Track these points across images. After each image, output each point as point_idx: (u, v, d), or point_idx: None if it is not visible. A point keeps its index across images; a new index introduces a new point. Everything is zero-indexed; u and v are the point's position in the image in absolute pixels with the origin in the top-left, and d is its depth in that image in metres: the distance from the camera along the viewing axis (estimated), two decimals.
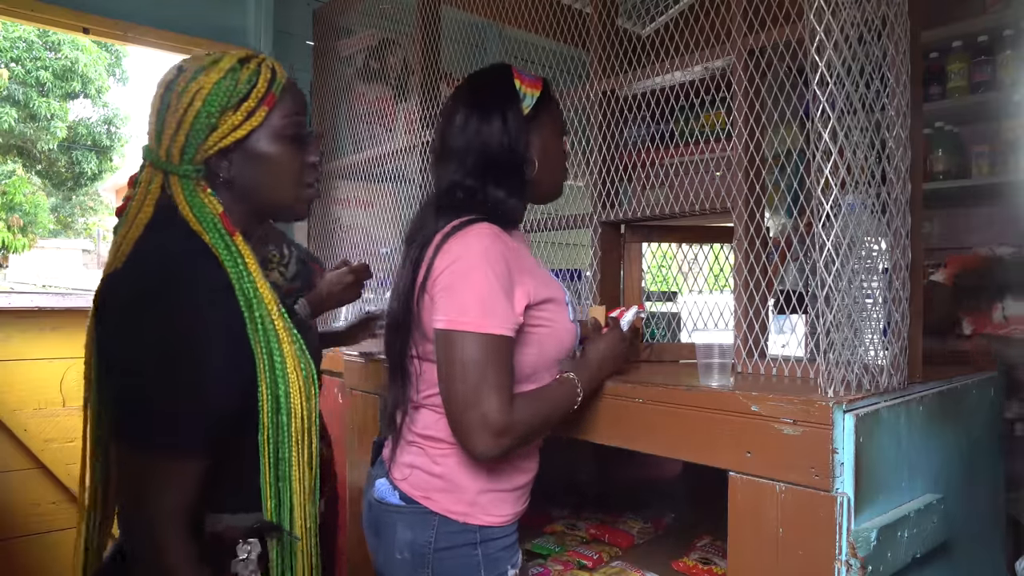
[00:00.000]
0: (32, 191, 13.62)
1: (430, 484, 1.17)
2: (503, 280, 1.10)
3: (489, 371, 1.06)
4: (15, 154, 13.67)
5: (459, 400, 1.07)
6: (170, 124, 0.97)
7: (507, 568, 1.19)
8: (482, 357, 1.06)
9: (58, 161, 14.35)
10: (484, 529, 1.16)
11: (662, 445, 1.24)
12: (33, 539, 2.25)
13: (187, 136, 0.96)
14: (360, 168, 2.50)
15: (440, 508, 1.15)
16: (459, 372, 1.07)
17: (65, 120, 13.48)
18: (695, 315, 1.83)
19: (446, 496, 1.15)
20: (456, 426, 1.09)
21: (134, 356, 0.90)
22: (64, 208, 15.50)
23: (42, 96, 12.92)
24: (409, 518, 1.16)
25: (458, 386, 1.07)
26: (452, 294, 1.09)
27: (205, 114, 0.96)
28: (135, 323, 0.90)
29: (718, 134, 1.59)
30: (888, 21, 1.18)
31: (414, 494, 1.17)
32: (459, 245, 1.12)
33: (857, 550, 0.99)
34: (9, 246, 12.10)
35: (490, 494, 1.17)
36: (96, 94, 14.11)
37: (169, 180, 0.97)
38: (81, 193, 15.54)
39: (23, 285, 9.67)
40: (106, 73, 14.16)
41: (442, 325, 1.10)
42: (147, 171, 1.00)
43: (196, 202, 0.96)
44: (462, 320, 1.07)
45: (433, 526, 1.14)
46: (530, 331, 1.16)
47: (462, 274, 1.09)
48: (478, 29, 2.18)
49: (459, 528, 1.15)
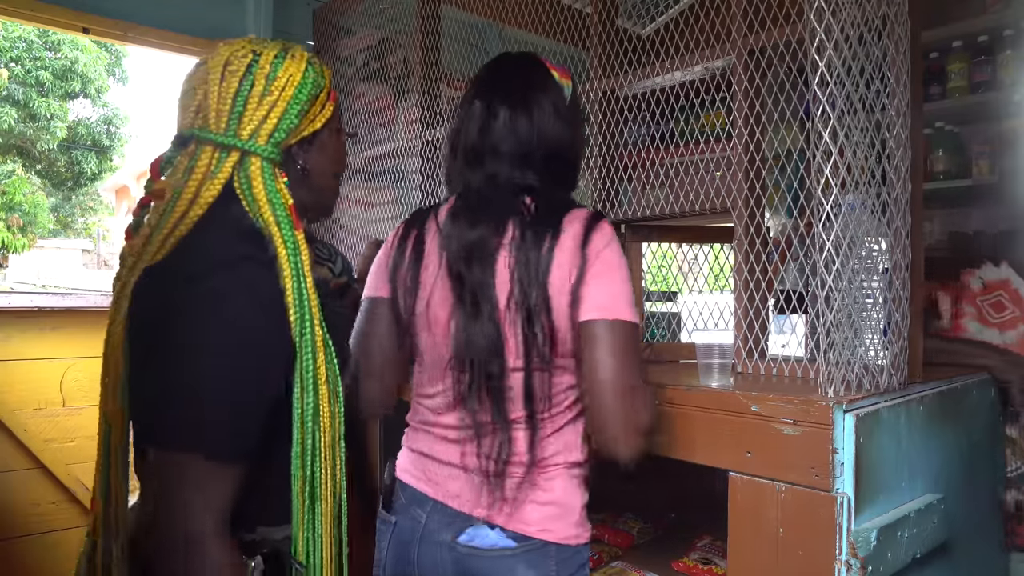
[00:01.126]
0: (32, 191, 13.62)
1: (544, 513, 1.07)
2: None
3: (640, 364, 1.03)
4: (15, 154, 13.66)
5: (620, 394, 0.99)
6: (260, 106, 0.93)
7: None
8: (635, 348, 1.02)
9: (58, 161, 14.34)
10: (587, 546, 1.11)
11: (662, 445, 1.24)
12: (33, 539, 2.25)
13: (279, 119, 0.94)
14: (360, 168, 2.50)
15: (557, 537, 1.06)
16: (619, 363, 0.99)
17: (65, 120, 13.48)
18: (695, 315, 1.83)
19: (560, 522, 1.07)
20: (612, 422, 1.00)
21: (184, 359, 0.85)
22: (64, 208, 15.50)
23: (42, 96, 12.92)
24: (527, 557, 1.06)
25: (618, 379, 0.99)
26: (608, 284, 1.02)
27: (298, 100, 0.95)
28: (190, 325, 0.85)
29: (718, 134, 1.59)
30: (888, 21, 1.18)
31: (528, 531, 1.06)
32: (605, 237, 1.05)
33: (857, 550, 0.99)
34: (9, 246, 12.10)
35: (585, 509, 1.11)
36: (96, 94, 14.10)
37: (247, 162, 0.92)
38: (81, 193, 15.54)
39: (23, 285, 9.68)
40: (106, 73, 14.15)
41: (601, 315, 1.01)
42: (208, 152, 0.92)
43: (272, 188, 0.92)
44: (619, 308, 1.01)
45: (551, 556, 1.06)
46: None
47: (613, 265, 1.03)
48: (478, 29, 2.18)
49: (573, 551, 1.08)
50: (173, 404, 0.85)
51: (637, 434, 1.00)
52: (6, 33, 12.61)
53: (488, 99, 1.13)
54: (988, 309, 1.64)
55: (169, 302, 0.87)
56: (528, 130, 1.11)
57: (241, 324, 0.86)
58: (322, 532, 0.93)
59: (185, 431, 0.85)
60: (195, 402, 0.84)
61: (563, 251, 1.03)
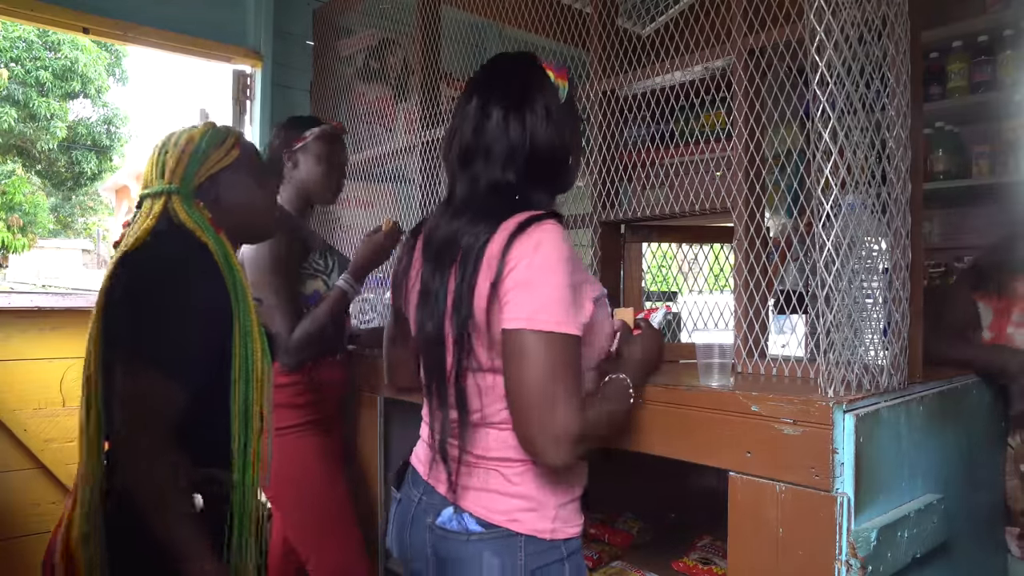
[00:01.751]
0: (32, 191, 13.62)
1: (513, 505, 1.10)
2: (574, 279, 1.05)
3: (567, 373, 1.01)
4: (15, 154, 13.66)
5: (535, 405, 1.00)
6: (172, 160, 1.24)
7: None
8: (561, 358, 1.00)
9: (58, 161, 14.35)
10: (567, 542, 1.12)
11: (662, 445, 1.24)
12: (33, 539, 2.25)
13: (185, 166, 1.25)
14: (360, 168, 2.50)
15: (526, 528, 1.09)
16: (536, 375, 1.00)
17: (65, 120, 13.48)
18: (695, 315, 1.84)
19: (531, 515, 1.10)
20: (529, 432, 1.02)
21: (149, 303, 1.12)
22: (64, 208, 15.50)
23: (42, 96, 12.92)
24: (494, 544, 1.09)
25: (534, 390, 1.00)
26: (530, 292, 1.02)
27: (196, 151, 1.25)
28: (156, 276, 1.14)
29: (718, 134, 1.59)
30: (888, 21, 1.18)
31: (495, 519, 1.10)
32: (530, 243, 1.04)
33: (857, 550, 0.99)
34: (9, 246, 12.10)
35: (568, 506, 1.13)
36: (96, 94, 14.11)
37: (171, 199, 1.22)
38: (81, 193, 15.54)
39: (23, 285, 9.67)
40: (106, 73, 14.16)
41: (516, 325, 1.02)
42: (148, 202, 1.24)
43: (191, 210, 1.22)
44: (541, 319, 1.00)
45: (520, 547, 1.09)
46: (588, 328, 1.11)
47: (540, 271, 1.02)
48: (478, 29, 2.18)
49: (547, 546, 1.09)
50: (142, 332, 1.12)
51: (557, 443, 0.99)
52: (6, 33, 12.61)
53: (483, 99, 1.14)
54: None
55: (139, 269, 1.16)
56: (520, 132, 1.11)
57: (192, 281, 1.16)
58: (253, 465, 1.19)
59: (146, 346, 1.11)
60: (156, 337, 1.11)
61: (490, 255, 1.05)
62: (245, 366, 1.18)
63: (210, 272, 1.17)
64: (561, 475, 1.11)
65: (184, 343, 1.13)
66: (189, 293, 1.15)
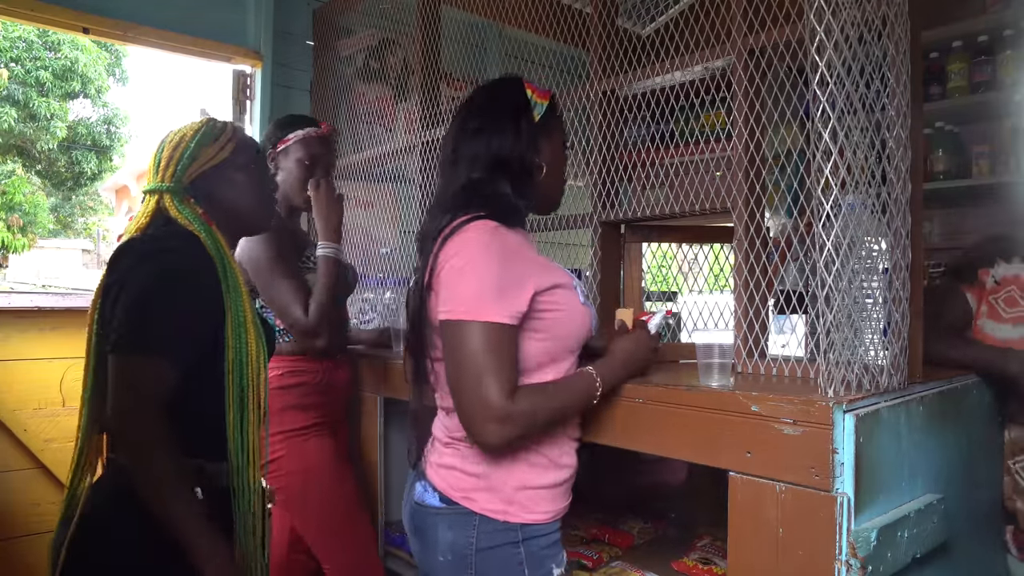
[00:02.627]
0: (32, 191, 13.61)
1: (468, 484, 1.17)
2: (502, 271, 1.12)
3: (488, 359, 1.08)
4: (15, 154, 13.66)
5: (462, 389, 1.10)
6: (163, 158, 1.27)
7: (551, 567, 1.18)
8: (481, 345, 1.08)
9: (58, 161, 14.34)
10: (526, 527, 1.16)
11: (662, 445, 1.24)
12: (33, 539, 2.25)
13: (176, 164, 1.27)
14: (360, 168, 2.50)
15: (480, 508, 1.16)
16: (460, 361, 1.10)
17: (65, 120, 13.47)
18: (695, 315, 1.83)
19: (485, 495, 1.16)
20: (460, 415, 1.11)
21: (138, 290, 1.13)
22: (64, 208, 15.50)
23: (42, 96, 12.92)
24: (449, 519, 1.17)
25: (460, 375, 1.10)
26: (452, 287, 1.13)
27: (187, 148, 1.27)
28: (146, 264, 1.15)
29: (718, 134, 1.59)
30: (888, 21, 1.18)
31: (453, 495, 1.18)
32: (459, 241, 1.15)
33: (857, 550, 0.99)
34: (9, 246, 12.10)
35: (528, 491, 1.17)
36: (96, 94, 14.10)
37: (163, 197, 1.25)
38: (81, 193, 15.54)
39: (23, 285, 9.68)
40: (106, 73, 14.15)
41: (443, 317, 1.13)
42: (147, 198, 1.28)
43: (182, 207, 1.24)
44: (460, 310, 1.10)
45: (474, 526, 1.15)
46: (540, 317, 1.16)
47: (459, 268, 1.12)
48: (478, 29, 2.18)
49: (500, 527, 1.15)
50: (130, 317, 1.13)
51: (484, 424, 1.08)
52: (6, 33, 12.61)
53: (464, 114, 1.28)
54: (1001, 305, 1.64)
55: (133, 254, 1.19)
56: (487, 143, 1.23)
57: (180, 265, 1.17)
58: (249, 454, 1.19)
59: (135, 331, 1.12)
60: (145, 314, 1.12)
61: (436, 255, 1.17)
62: (239, 356, 1.19)
63: (199, 261, 1.19)
64: (528, 461, 1.17)
65: (172, 326, 1.14)
66: (177, 280, 1.16)
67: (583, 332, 1.23)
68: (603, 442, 1.32)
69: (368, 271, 2.42)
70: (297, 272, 1.79)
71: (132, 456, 1.09)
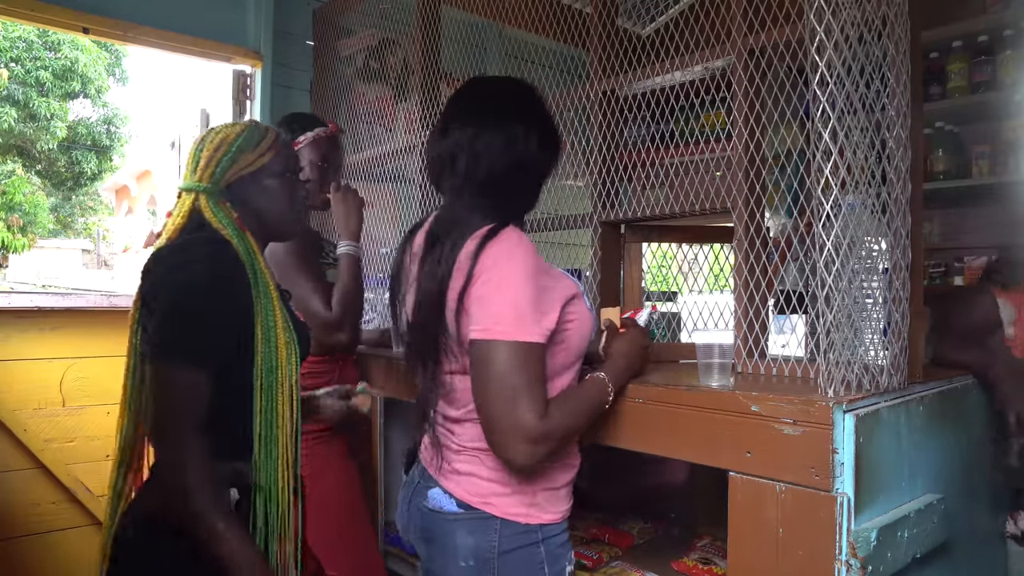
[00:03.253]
0: (32, 191, 13.62)
1: (489, 489, 1.17)
2: (537, 287, 1.10)
3: (521, 379, 1.06)
4: (15, 154, 13.66)
5: (494, 409, 1.07)
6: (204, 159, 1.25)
7: (565, 564, 1.20)
8: (515, 366, 1.06)
9: (58, 161, 14.35)
10: (544, 527, 1.18)
11: (662, 445, 1.24)
12: (33, 539, 2.25)
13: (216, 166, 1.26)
14: (360, 168, 2.50)
15: (501, 512, 1.16)
16: (495, 382, 1.06)
17: (65, 120, 13.48)
18: (695, 315, 1.83)
19: (506, 499, 1.16)
20: (491, 434, 1.09)
21: (171, 299, 1.13)
22: (64, 208, 15.50)
23: (42, 96, 12.92)
24: (469, 524, 1.17)
25: (492, 395, 1.07)
26: (487, 304, 1.09)
27: (228, 152, 1.26)
28: (176, 274, 1.15)
29: (718, 134, 1.59)
30: (888, 21, 1.18)
31: (472, 500, 1.17)
32: (494, 253, 1.10)
33: (857, 550, 0.99)
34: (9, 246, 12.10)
35: (546, 492, 1.19)
36: (96, 94, 14.11)
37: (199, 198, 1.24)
38: (81, 193, 15.55)
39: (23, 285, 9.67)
40: (106, 73, 14.16)
41: (477, 335, 1.09)
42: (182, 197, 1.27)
43: (217, 211, 1.23)
44: (496, 329, 1.07)
45: (495, 530, 1.15)
46: (564, 329, 1.16)
47: (497, 283, 1.09)
48: (478, 29, 2.17)
49: (521, 529, 1.16)
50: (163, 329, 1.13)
51: (518, 446, 1.06)
52: (6, 33, 12.61)
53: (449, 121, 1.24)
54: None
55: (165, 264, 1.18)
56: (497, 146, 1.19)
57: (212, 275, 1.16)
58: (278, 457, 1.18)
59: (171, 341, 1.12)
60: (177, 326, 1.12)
61: (460, 262, 1.13)
62: (268, 361, 1.19)
63: (228, 267, 1.18)
64: (546, 463, 1.16)
65: (204, 338, 1.14)
66: (206, 290, 1.15)
67: (588, 340, 1.24)
68: (603, 442, 1.32)
69: (368, 271, 2.42)
70: (319, 269, 1.82)
71: (166, 472, 1.11)
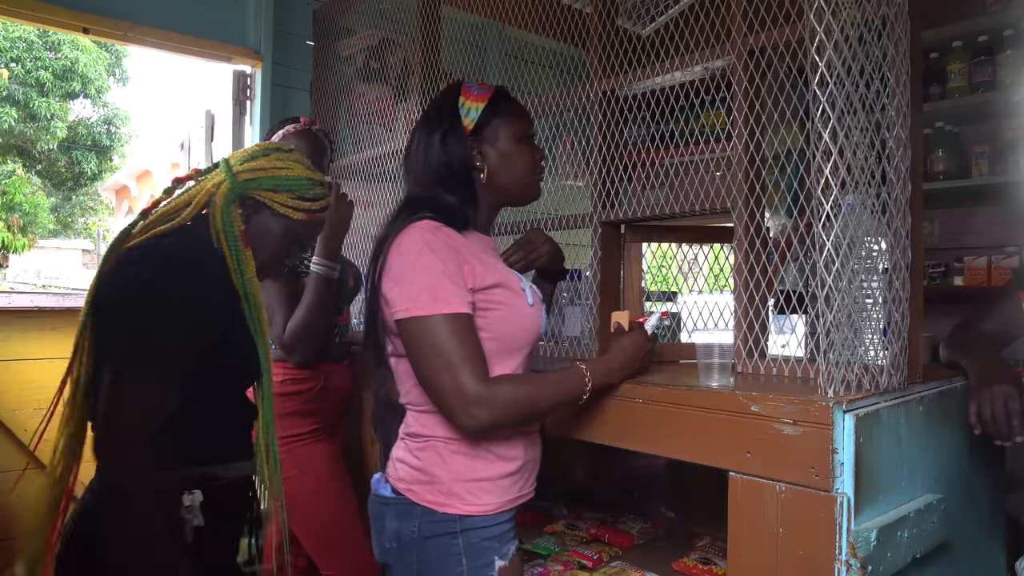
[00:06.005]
0: (32, 191, 13.62)
1: (412, 477, 1.22)
2: (447, 264, 1.16)
3: (455, 347, 1.11)
4: (15, 154, 13.66)
5: (434, 380, 1.13)
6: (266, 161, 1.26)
7: (493, 558, 1.19)
8: (444, 336, 1.12)
9: (58, 161, 14.35)
10: (465, 519, 1.18)
11: (662, 445, 1.24)
12: None
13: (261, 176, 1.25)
14: (360, 168, 2.50)
15: (421, 499, 1.20)
16: (427, 355, 1.12)
17: (65, 120, 13.48)
18: (695, 315, 1.84)
19: (425, 488, 1.20)
20: (441, 407, 1.14)
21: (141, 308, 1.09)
22: (64, 208, 15.51)
23: (42, 96, 12.92)
24: (396, 509, 1.22)
25: (431, 368, 1.12)
26: (401, 285, 1.16)
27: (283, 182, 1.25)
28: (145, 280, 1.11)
29: (718, 134, 1.59)
30: (888, 21, 1.18)
31: (399, 487, 1.23)
32: (401, 242, 1.19)
33: (857, 550, 0.99)
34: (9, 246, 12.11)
35: (468, 483, 1.19)
36: (96, 94, 14.11)
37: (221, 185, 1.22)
38: (81, 193, 15.55)
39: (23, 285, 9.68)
40: (106, 73, 14.15)
41: (399, 316, 1.15)
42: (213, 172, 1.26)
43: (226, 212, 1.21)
44: (416, 307, 1.13)
45: (416, 516, 1.20)
46: (481, 315, 1.19)
47: (407, 266, 1.16)
48: (478, 29, 2.18)
49: (440, 518, 1.18)
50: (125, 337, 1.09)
51: (458, 407, 1.11)
52: (6, 33, 12.61)
53: (412, 131, 1.35)
54: None
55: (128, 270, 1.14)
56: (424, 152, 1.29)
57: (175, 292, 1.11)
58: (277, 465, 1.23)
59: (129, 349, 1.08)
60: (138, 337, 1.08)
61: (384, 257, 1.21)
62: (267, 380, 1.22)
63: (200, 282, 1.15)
64: (465, 453, 1.20)
65: (169, 353, 1.10)
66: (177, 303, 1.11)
67: (527, 333, 1.25)
68: (603, 442, 1.33)
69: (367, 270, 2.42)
70: (292, 281, 1.78)
71: (107, 473, 1.07)
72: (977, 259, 2.71)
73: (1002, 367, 1.35)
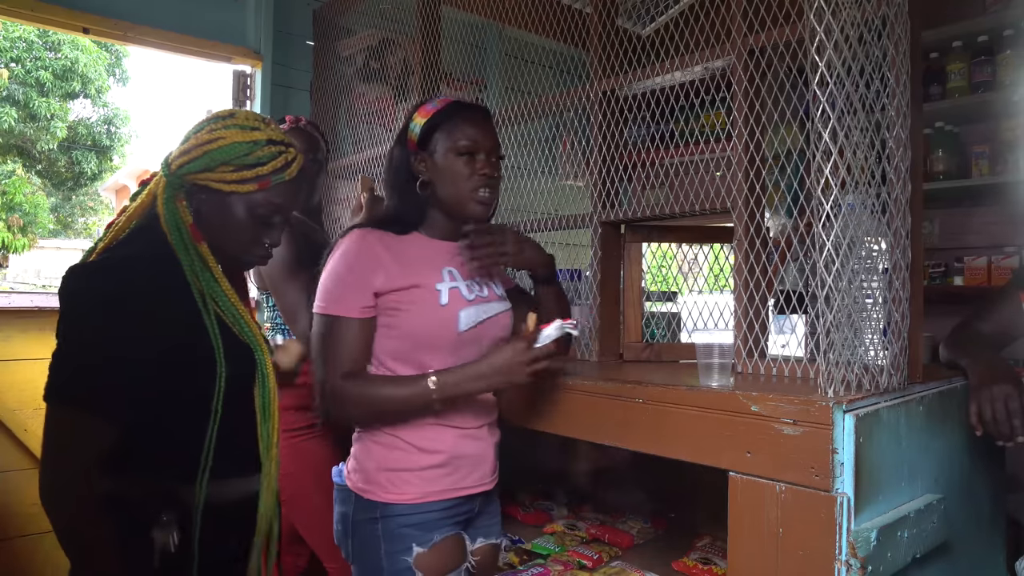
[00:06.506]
0: (32, 191, 13.61)
1: (351, 466, 1.33)
2: (350, 271, 1.27)
3: (328, 345, 1.26)
4: (15, 154, 13.66)
5: (315, 371, 1.28)
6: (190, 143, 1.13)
7: (411, 544, 1.25)
8: (323, 334, 1.27)
9: (58, 161, 14.34)
10: (387, 506, 1.26)
11: (662, 445, 1.24)
12: (33, 539, 2.25)
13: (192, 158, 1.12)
14: (360, 168, 2.50)
15: (352, 486, 1.30)
16: (314, 347, 1.28)
17: (65, 120, 13.47)
18: (695, 315, 1.84)
19: (358, 475, 1.30)
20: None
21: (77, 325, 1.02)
22: (64, 208, 15.50)
23: (42, 96, 12.91)
24: (341, 494, 1.34)
25: (314, 357, 1.28)
26: (320, 286, 1.30)
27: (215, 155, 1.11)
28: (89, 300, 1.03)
29: (718, 134, 1.59)
30: (888, 21, 1.18)
31: (344, 473, 1.34)
32: (334, 247, 1.32)
33: (857, 550, 0.99)
34: (9, 246, 12.10)
35: (389, 473, 1.27)
36: (96, 94, 14.10)
37: (161, 181, 1.14)
38: (81, 193, 15.54)
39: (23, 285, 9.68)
40: (106, 73, 14.14)
41: (314, 311, 1.31)
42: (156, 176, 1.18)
43: (170, 207, 1.11)
44: (319, 305, 1.29)
45: (352, 502, 1.30)
46: (392, 314, 1.28)
47: (327, 269, 1.31)
48: (478, 29, 2.18)
49: (365, 504, 1.28)
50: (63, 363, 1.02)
51: (321, 400, 1.26)
52: (6, 33, 12.61)
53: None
54: None
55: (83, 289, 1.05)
56: (385, 165, 1.42)
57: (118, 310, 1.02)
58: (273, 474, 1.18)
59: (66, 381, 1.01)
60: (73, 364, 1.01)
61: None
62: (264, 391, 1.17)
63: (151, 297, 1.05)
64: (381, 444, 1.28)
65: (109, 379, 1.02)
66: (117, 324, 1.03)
67: (440, 332, 1.28)
68: (602, 442, 1.33)
69: None
70: (312, 279, 1.77)
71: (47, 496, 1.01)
72: (977, 259, 2.71)
73: (1002, 367, 1.35)
